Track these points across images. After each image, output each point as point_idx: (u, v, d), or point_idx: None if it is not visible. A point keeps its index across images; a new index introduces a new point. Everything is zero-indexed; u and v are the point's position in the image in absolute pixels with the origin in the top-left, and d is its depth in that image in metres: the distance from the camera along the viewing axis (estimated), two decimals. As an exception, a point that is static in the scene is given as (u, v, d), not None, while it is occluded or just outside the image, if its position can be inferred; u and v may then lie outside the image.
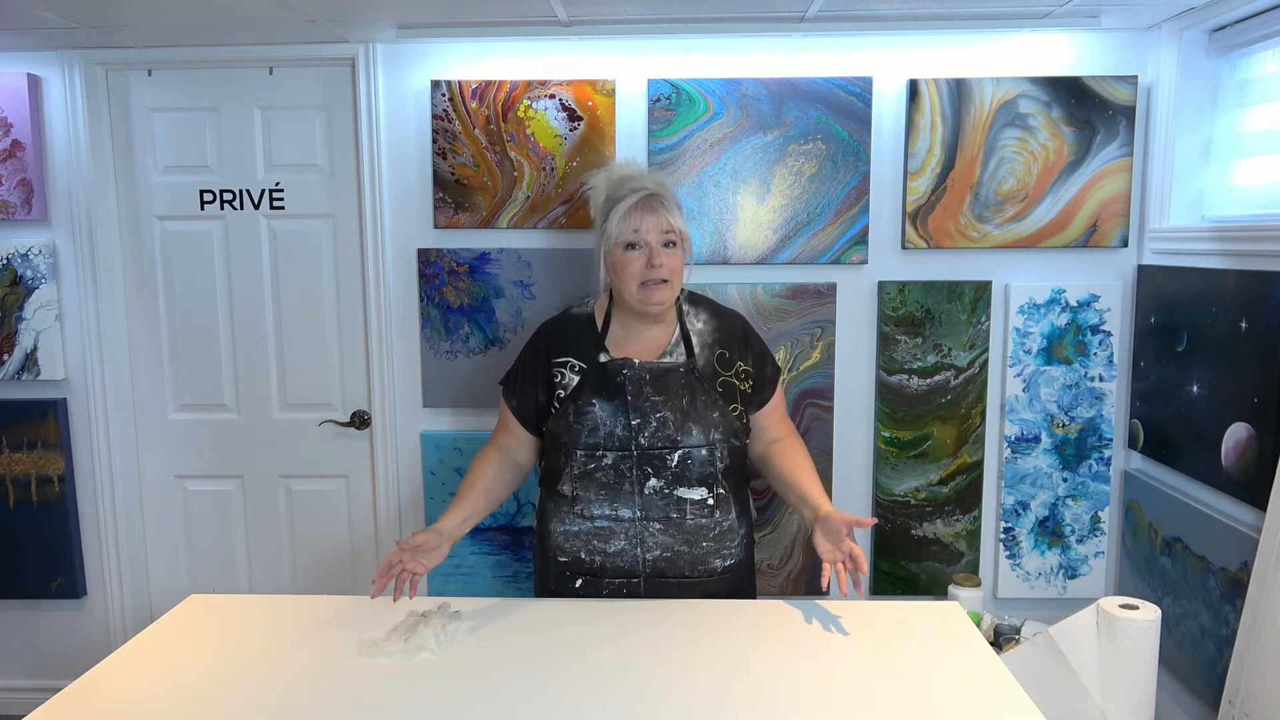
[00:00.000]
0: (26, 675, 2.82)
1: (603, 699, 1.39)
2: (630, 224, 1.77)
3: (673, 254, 1.79)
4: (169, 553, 2.83)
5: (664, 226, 1.78)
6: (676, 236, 1.80)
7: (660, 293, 1.78)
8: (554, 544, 1.86)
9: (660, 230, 1.78)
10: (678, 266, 1.80)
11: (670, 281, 1.78)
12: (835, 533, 1.65)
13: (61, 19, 2.24)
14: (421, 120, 2.53)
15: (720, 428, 1.80)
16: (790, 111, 2.46)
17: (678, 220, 1.80)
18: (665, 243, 1.78)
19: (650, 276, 1.77)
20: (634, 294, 1.79)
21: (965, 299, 2.51)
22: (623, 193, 1.81)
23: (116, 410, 2.71)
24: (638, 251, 1.77)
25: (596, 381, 1.81)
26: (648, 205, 1.78)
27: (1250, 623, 1.88)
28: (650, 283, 1.77)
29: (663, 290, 1.78)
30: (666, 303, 1.81)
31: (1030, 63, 2.47)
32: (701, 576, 1.82)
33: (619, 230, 1.78)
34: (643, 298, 1.79)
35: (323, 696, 1.40)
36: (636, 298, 1.79)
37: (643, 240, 1.77)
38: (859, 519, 1.63)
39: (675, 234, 1.79)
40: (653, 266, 1.76)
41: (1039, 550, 2.60)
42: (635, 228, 1.77)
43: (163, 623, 1.67)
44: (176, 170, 2.66)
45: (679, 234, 1.80)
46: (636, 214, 1.77)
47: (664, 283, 1.77)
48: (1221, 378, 2.11)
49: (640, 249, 1.77)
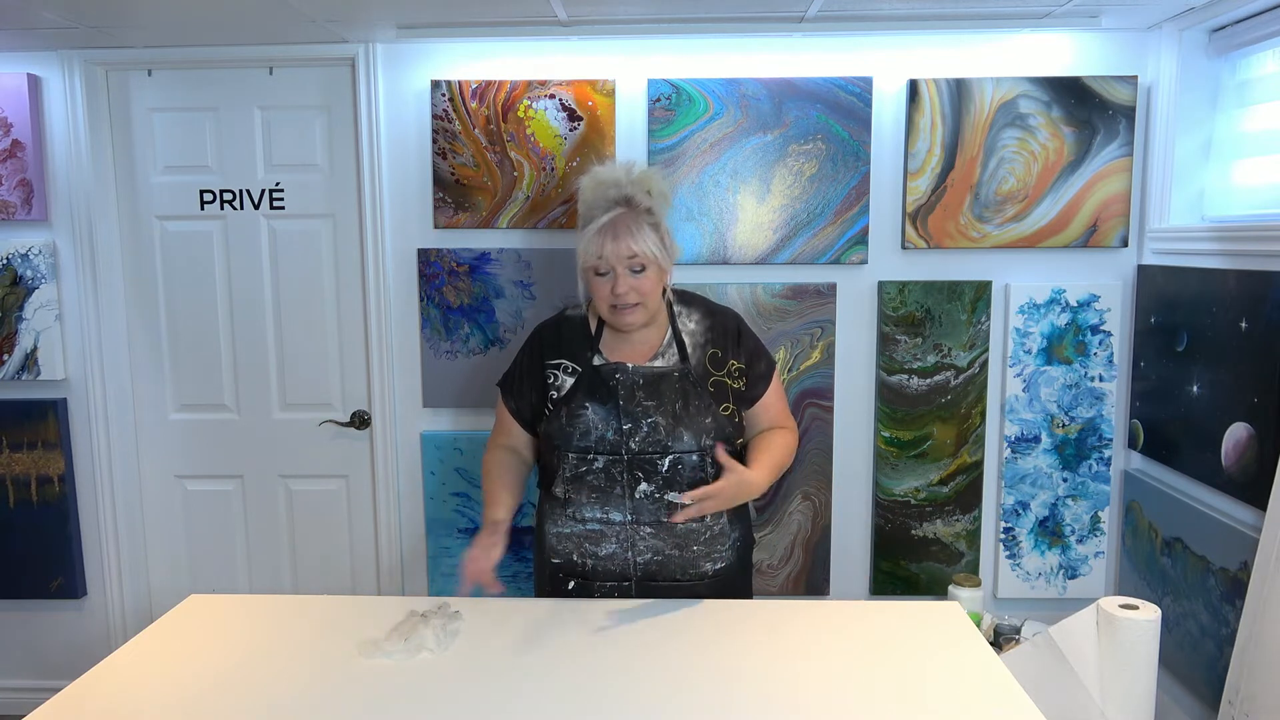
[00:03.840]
0: (26, 675, 2.82)
1: (603, 699, 1.39)
2: (594, 250, 1.72)
3: (641, 278, 1.74)
4: (169, 553, 2.83)
5: (626, 253, 1.71)
6: (644, 261, 1.73)
7: (629, 315, 1.76)
8: (548, 545, 1.87)
9: (624, 258, 1.72)
10: (648, 288, 1.75)
11: (642, 303, 1.76)
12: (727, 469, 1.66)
13: (61, 19, 2.24)
14: (421, 120, 2.53)
15: (712, 433, 1.79)
16: (790, 111, 2.46)
17: (643, 244, 1.72)
18: (632, 269, 1.73)
19: (616, 302, 1.74)
20: (606, 315, 1.80)
21: (965, 299, 2.51)
22: (596, 209, 1.76)
23: (116, 410, 2.71)
24: (605, 278, 1.74)
25: (590, 385, 1.81)
26: (613, 230, 1.72)
27: (1250, 622, 1.88)
28: (619, 307, 1.75)
29: (633, 313, 1.76)
30: (637, 324, 1.79)
31: (1030, 63, 2.47)
32: (693, 580, 1.82)
33: (585, 254, 1.75)
34: (614, 320, 1.78)
35: (323, 696, 1.40)
36: (609, 319, 1.80)
37: (609, 267, 1.73)
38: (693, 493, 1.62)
39: (641, 259, 1.73)
40: (617, 293, 1.73)
41: (1039, 550, 2.60)
42: (599, 254, 1.72)
43: (163, 623, 1.67)
44: (176, 170, 2.66)
45: (645, 258, 1.73)
46: (599, 240, 1.72)
47: (636, 305, 1.75)
48: (1221, 378, 2.11)
49: (607, 275, 1.74)
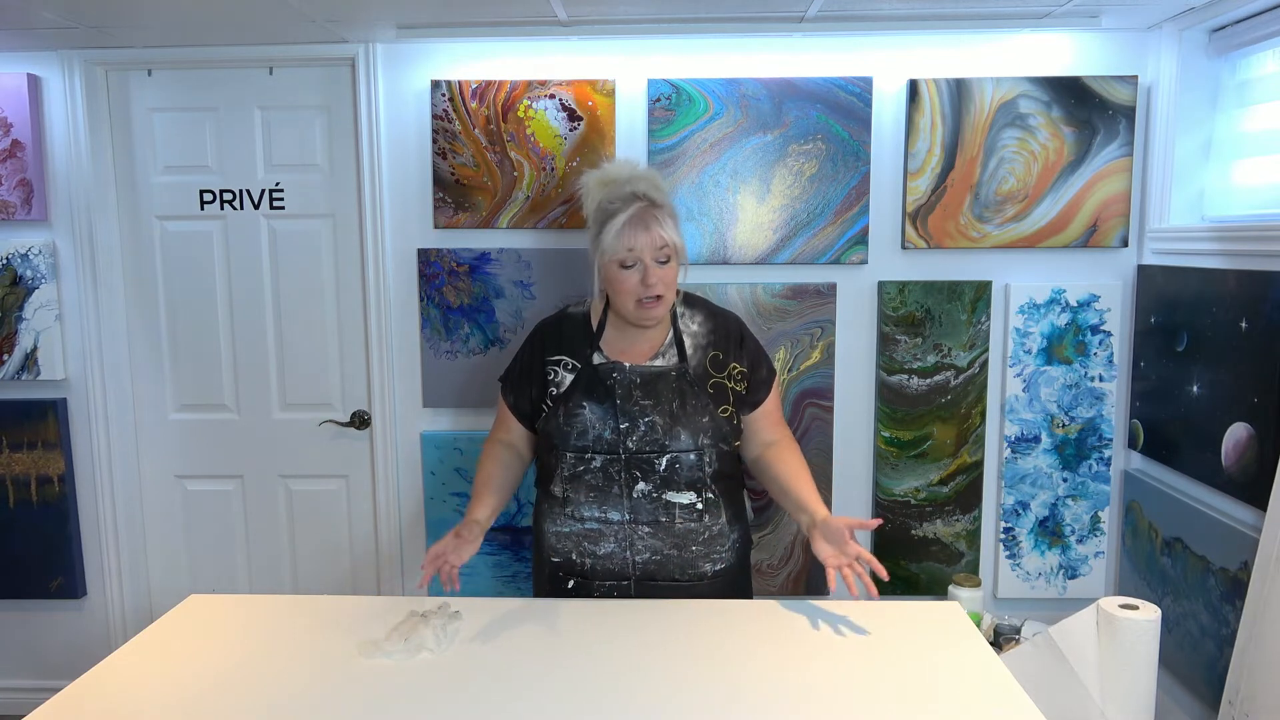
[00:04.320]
0: (26, 675, 2.82)
1: (604, 699, 1.39)
2: (625, 242, 1.72)
3: (667, 268, 1.76)
4: (169, 553, 2.83)
5: (658, 243, 1.73)
6: (671, 251, 1.75)
7: (656, 309, 1.76)
8: (547, 545, 1.87)
9: (655, 247, 1.73)
10: (671, 279, 1.78)
11: (665, 296, 1.77)
12: (837, 536, 1.64)
13: (61, 19, 2.24)
14: (421, 120, 2.53)
15: (710, 432, 1.79)
16: (790, 111, 2.46)
17: (671, 233, 1.75)
18: (660, 259, 1.75)
19: (645, 294, 1.75)
20: (629, 310, 1.78)
21: (965, 299, 2.51)
22: (615, 203, 1.76)
23: (116, 410, 2.71)
24: (632, 270, 1.74)
25: (588, 383, 1.81)
26: (641, 221, 1.73)
27: (1250, 623, 1.88)
28: (646, 300, 1.75)
29: (658, 306, 1.76)
30: (661, 317, 1.80)
31: (1030, 63, 2.47)
32: (691, 580, 1.82)
33: (614, 248, 1.74)
34: (639, 315, 1.77)
35: (323, 696, 1.40)
36: (632, 314, 1.78)
37: (637, 259, 1.73)
38: (861, 521, 1.62)
39: (670, 249, 1.75)
40: (648, 285, 1.74)
41: (1039, 550, 2.60)
42: (630, 246, 1.72)
43: (163, 623, 1.67)
44: (176, 170, 2.66)
45: (673, 248, 1.76)
46: (630, 232, 1.72)
47: (659, 298, 1.76)
48: (1221, 378, 2.11)
49: (635, 268, 1.74)
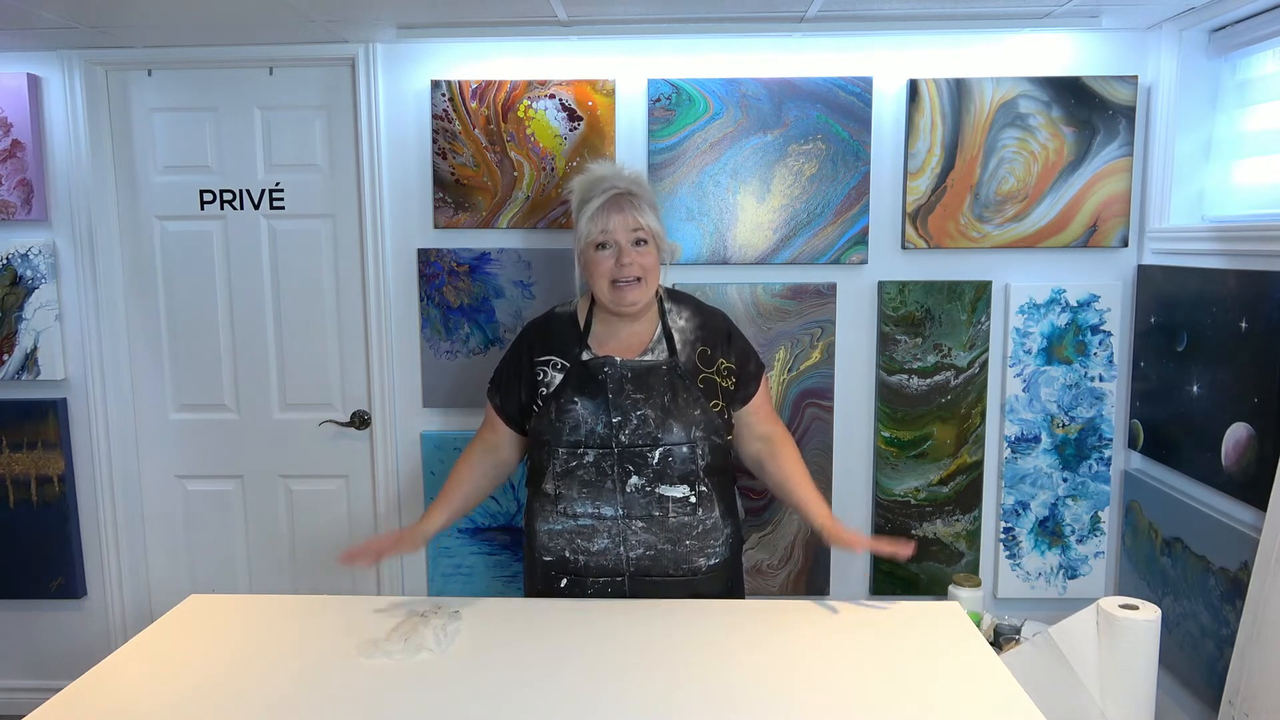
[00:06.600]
0: (26, 675, 2.82)
1: (603, 699, 1.39)
2: (598, 224, 1.77)
3: (644, 251, 1.78)
4: (169, 553, 2.83)
5: (632, 225, 1.77)
6: (647, 234, 1.78)
7: (632, 292, 1.77)
8: (539, 543, 1.87)
9: (628, 229, 1.77)
10: (650, 264, 1.79)
11: (644, 280, 1.78)
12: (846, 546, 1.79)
13: (61, 19, 2.24)
14: (421, 120, 2.53)
15: (701, 425, 1.80)
16: (790, 111, 2.46)
17: (647, 218, 1.79)
18: (635, 241, 1.77)
19: (620, 275, 1.76)
20: (606, 294, 1.79)
21: (965, 299, 2.51)
22: (594, 193, 1.80)
23: (116, 410, 2.71)
24: (607, 251, 1.78)
25: (579, 380, 1.81)
26: (615, 205, 1.78)
27: (1250, 622, 1.88)
28: (621, 282, 1.77)
29: (635, 290, 1.77)
30: (639, 303, 1.80)
31: (1030, 63, 2.47)
32: (686, 575, 1.82)
33: (588, 230, 1.78)
34: (615, 298, 1.78)
35: (323, 696, 1.40)
36: (609, 298, 1.79)
37: (611, 239, 1.77)
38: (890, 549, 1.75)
39: (645, 231, 1.78)
40: (622, 265, 1.76)
41: (1039, 550, 2.60)
42: (603, 227, 1.77)
43: (163, 623, 1.67)
44: (176, 170, 2.65)
45: (649, 232, 1.79)
46: (604, 214, 1.77)
47: (636, 281, 1.77)
48: (1221, 378, 2.11)
49: (610, 248, 1.77)
